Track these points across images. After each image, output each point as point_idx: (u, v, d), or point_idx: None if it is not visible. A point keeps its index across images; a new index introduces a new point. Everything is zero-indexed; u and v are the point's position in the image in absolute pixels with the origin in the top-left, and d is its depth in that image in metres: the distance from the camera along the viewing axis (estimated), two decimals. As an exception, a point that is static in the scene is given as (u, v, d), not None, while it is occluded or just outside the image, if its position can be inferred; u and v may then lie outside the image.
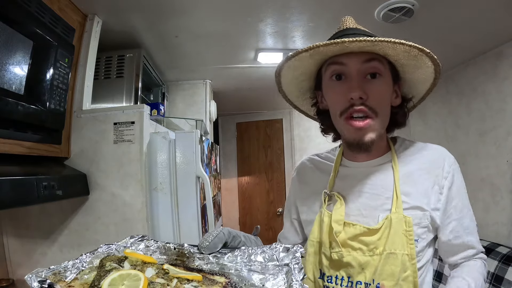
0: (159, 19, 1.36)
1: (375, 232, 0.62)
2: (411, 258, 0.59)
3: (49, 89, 0.92)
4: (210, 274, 0.49)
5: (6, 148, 0.82)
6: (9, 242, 1.16)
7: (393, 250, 0.60)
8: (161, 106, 1.53)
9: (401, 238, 0.60)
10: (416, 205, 0.63)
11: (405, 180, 0.64)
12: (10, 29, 0.77)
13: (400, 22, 1.39)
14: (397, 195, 0.63)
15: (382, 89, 0.61)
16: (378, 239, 0.61)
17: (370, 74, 0.60)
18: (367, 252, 0.62)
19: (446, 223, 0.64)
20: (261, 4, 1.28)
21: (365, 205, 0.65)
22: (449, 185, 0.64)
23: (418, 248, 0.61)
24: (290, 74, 0.67)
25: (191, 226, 1.19)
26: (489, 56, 1.80)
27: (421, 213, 0.62)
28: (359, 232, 0.63)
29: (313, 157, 0.81)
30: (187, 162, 1.19)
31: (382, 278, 0.60)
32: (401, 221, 0.60)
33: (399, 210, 0.61)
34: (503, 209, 1.75)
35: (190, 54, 1.79)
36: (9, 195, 0.75)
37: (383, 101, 0.62)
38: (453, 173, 0.65)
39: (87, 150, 1.13)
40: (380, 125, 0.62)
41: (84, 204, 1.12)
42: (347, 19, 0.66)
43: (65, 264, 0.46)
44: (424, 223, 0.62)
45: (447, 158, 0.66)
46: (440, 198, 0.63)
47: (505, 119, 1.72)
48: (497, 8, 1.31)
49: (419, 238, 0.62)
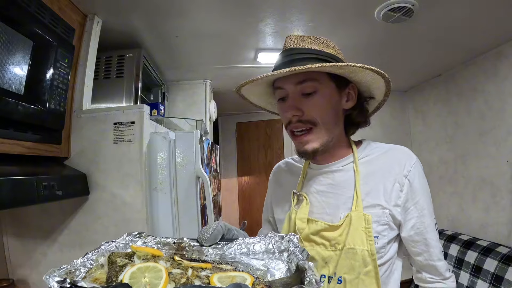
0: (159, 19, 1.36)
1: (336, 228, 0.67)
2: (371, 254, 0.63)
3: (49, 89, 0.92)
4: (216, 263, 0.51)
5: (6, 148, 0.82)
6: (9, 242, 1.16)
7: (352, 245, 0.64)
8: (161, 106, 1.53)
9: (360, 234, 0.64)
10: (376, 203, 0.66)
11: (366, 180, 0.68)
12: (10, 29, 0.77)
13: (400, 22, 1.39)
14: (357, 194, 0.67)
15: (319, 103, 0.66)
16: (339, 235, 0.66)
17: (304, 94, 0.66)
18: (329, 247, 0.67)
19: (407, 219, 0.67)
20: (261, 4, 1.28)
21: (329, 204, 0.70)
22: (410, 183, 0.67)
23: (378, 244, 0.65)
24: (250, 90, 0.74)
25: (191, 226, 1.19)
26: (489, 56, 1.80)
27: (380, 211, 0.66)
28: (320, 228, 0.68)
29: (288, 160, 0.87)
30: (187, 162, 1.19)
31: (343, 272, 0.64)
32: (361, 218, 0.65)
33: (358, 209, 0.66)
34: (503, 209, 1.75)
35: (190, 54, 1.79)
36: (9, 195, 0.75)
37: (321, 112, 0.66)
38: (414, 172, 0.67)
39: (87, 150, 1.13)
40: (323, 133, 0.67)
41: (84, 204, 1.12)
42: (291, 38, 0.69)
43: (74, 263, 0.46)
44: (384, 221, 0.66)
45: (409, 158, 0.69)
46: (400, 195, 0.66)
47: (505, 119, 1.72)
48: (497, 8, 1.31)
49: (379, 235, 0.65)
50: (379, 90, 0.70)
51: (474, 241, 1.81)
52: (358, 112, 0.72)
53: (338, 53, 0.69)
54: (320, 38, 0.69)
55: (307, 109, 0.65)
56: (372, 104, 0.75)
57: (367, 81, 0.68)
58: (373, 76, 0.65)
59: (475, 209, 1.95)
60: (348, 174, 0.70)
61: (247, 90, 0.73)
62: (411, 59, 1.93)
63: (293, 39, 0.68)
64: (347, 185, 0.69)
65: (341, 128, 0.72)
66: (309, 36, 0.68)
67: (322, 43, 0.68)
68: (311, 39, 0.68)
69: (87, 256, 0.49)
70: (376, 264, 0.63)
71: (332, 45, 0.69)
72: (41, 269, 1.14)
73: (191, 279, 0.43)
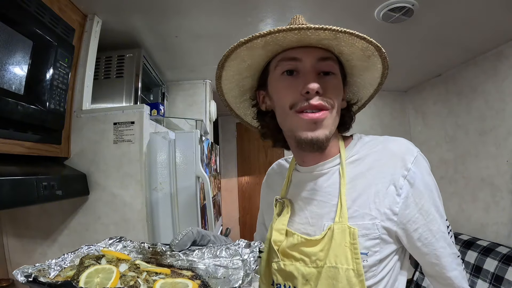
0: (159, 19, 1.36)
1: (315, 243, 0.56)
2: (357, 274, 0.52)
3: (49, 89, 0.92)
4: (179, 269, 0.53)
5: (6, 148, 0.82)
6: (9, 242, 1.16)
7: (334, 264, 0.53)
8: (161, 106, 1.53)
9: (344, 251, 0.53)
10: (364, 212, 0.54)
11: (354, 184, 0.57)
12: (10, 29, 0.77)
13: (400, 22, 1.39)
14: (341, 202, 0.55)
15: (338, 85, 0.58)
16: (320, 250, 0.56)
17: (324, 72, 0.56)
18: (309, 263, 0.57)
19: (411, 230, 0.54)
20: (261, 4, 1.28)
21: (313, 213, 0.60)
22: (410, 185, 0.53)
23: (368, 262, 0.53)
24: (235, 66, 0.61)
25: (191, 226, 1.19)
26: (489, 56, 1.80)
27: (370, 222, 0.54)
28: (297, 242, 0.59)
29: (280, 161, 0.77)
30: (187, 162, 1.19)
31: None
32: (345, 232, 0.53)
33: (343, 220, 0.54)
34: (503, 209, 1.75)
35: (190, 54, 1.79)
36: (9, 195, 0.75)
37: (338, 96, 0.58)
38: (415, 171, 0.54)
39: (87, 150, 1.13)
40: (333, 121, 0.57)
41: (84, 204, 1.12)
42: (299, 17, 0.60)
43: (49, 262, 0.50)
44: (374, 234, 0.53)
45: (407, 153, 0.55)
46: (397, 200, 0.53)
47: (505, 119, 1.72)
48: (497, 8, 1.31)
49: (369, 251, 0.54)
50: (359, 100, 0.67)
51: (474, 241, 1.82)
52: (349, 115, 0.65)
53: None
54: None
55: (328, 89, 0.55)
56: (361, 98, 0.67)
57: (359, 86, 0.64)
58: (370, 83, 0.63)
59: (475, 209, 1.95)
60: (334, 178, 0.59)
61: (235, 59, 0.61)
62: (411, 59, 1.92)
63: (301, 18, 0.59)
64: (332, 191, 0.58)
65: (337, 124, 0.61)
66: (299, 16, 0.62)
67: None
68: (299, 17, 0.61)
69: (63, 256, 0.54)
70: (364, 285, 0.52)
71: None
72: (41, 269, 1.14)
73: (138, 283, 0.46)
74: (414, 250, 0.56)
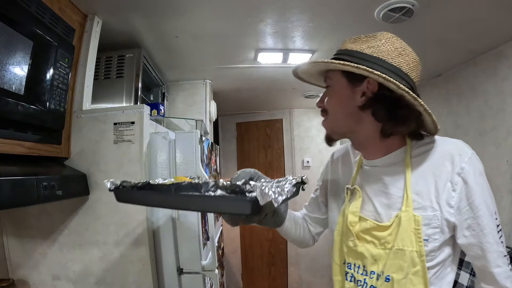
0: (159, 19, 1.36)
1: (385, 228, 0.66)
2: (420, 255, 0.62)
3: (49, 89, 0.92)
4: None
5: (6, 148, 0.82)
6: (9, 242, 1.16)
7: (401, 246, 0.63)
8: (161, 106, 1.53)
9: (409, 235, 0.63)
10: (426, 205, 0.64)
11: (417, 178, 0.66)
12: (10, 29, 0.77)
13: (400, 22, 1.39)
14: (407, 194, 0.65)
15: (329, 95, 0.73)
16: (388, 234, 0.65)
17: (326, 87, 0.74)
18: (379, 245, 0.67)
19: (462, 220, 0.63)
20: (261, 4, 1.28)
21: (380, 203, 0.69)
22: (464, 182, 0.62)
23: (428, 247, 0.63)
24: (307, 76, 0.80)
25: (191, 226, 1.19)
26: (489, 56, 1.80)
27: (431, 213, 0.63)
28: (369, 227, 0.68)
29: (348, 148, 0.86)
30: (187, 162, 1.19)
31: (391, 271, 0.64)
32: (410, 219, 0.63)
33: (408, 209, 0.64)
34: (503, 209, 1.75)
35: (190, 54, 1.79)
36: (9, 195, 0.75)
37: (329, 104, 0.72)
38: (468, 169, 0.62)
39: (87, 150, 1.13)
40: (333, 123, 0.73)
41: (84, 204, 1.12)
42: (344, 43, 0.74)
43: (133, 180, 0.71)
44: (435, 224, 0.63)
45: (463, 153, 0.64)
46: (453, 195, 0.62)
47: (505, 119, 1.72)
48: (497, 8, 1.30)
49: (430, 238, 0.63)
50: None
51: (474, 241, 1.81)
52: (372, 111, 0.66)
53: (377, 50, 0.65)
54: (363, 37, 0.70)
55: (325, 99, 0.73)
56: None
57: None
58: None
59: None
60: (399, 172, 0.68)
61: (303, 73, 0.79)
62: (411, 59, 1.92)
63: (344, 43, 0.74)
64: (398, 184, 0.67)
65: (365, 123, 0.68)
66: (359, 37, 0.71)
67: (362, 41, 0.69)
68: (355, 40, 0.72)
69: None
70: (425, 265, 0.62)
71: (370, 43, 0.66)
72: (41, 269, 1.14)
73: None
74: (462, 239, 0.64)
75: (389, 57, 0.64)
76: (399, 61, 0.65)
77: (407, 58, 0.66)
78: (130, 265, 1.10)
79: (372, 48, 0.65)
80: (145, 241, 1.10)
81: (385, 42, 0.66)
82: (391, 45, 0.65)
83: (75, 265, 1.12)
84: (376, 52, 0.65)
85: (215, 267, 1.22)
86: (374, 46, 0.65)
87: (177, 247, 1.17)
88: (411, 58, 0.66)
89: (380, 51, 0.65)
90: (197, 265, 1.19)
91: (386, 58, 0.64)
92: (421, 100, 0.62)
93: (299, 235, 0.92)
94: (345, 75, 0.68)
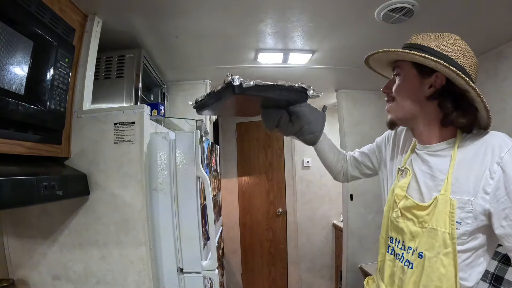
0: (159, 19, 1.37)
1: (424, 208, 0.72)
2: (451, 237, 0.67)
3: (50, 89, 0.92)
4: None
5: (6, 148, 0.82)
6: (9, 242, 1.16)
7: (435, 226, 0.69)
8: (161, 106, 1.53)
9: (444, 217, 0.68)
10: (463, 190, 0.68)
11: (460, 166, 0.70)
12: (10, 29, 0.77)
13: (400, 22, 1.39)
14: (448, 179, 0.70)
15: (398, 84, 0.79)
16: (426, 214, 0.71)
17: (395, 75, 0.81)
18: (417, 223, 0.73)
19: (499, 209, 0.65)
20: (261, 4, 1.28)
21: (425, 184, 0.75)
22: (503, 170, 0.64)
23: (460, 230, 0.67)
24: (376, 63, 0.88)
25: (191, 226, 1.19)
26: (489, 56, 1.80)
27: (466, 198, 0.67)
28: (409, 205, 0.76)
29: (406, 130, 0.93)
30: (187, 162, 1.19)
31: (424, 248, 0.71)
32: (446, 203, 0.68)
33: (446, 193, 0.69)
34: (503, 209, 1.75)
35: (190, 54, 1.79)
36: (9, 195, 0.75)
37: (397, 92, 0.79)
38: (507, 159, 0.64)
39: (87, 150, 1.13)
40: (398, 109, 0.79)
41: (84, 204, 1.12)
42: (412, 37, 0.79)
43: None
44: (468, 208, 0.66)
45: (503, 144, 0.67)
46: (490, 182, 0.65)
47: (505, 119, 1.72)
48: (497, 8, 1.31)
49: (462, 222, 0.67)
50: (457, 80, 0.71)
51: (474, 241, 1.81)
52: (439, 102, 0.74)
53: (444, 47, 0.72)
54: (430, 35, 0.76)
55: (393, 87, 0.80)
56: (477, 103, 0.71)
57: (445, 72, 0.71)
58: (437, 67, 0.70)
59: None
60: (445, 158, 0.73)
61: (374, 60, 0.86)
62: (411, 59, 1.92)
63: (413, 37, 0.78)
64: (443, 169, 0.73)
65: (427, 112, 0.76)
66: (427, 34, 0.76)
67: (430, 39, 0.75)
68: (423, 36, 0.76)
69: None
70: (455, 247, 0.66)
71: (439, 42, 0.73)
72: (41, 269, 1.14)
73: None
74: (499, 229, 0.65)
75: (456, 56, 0.71)
76: (464, 62, 0.71)
77: (470, 60, 0.72)
78: (130, 265, 1.10)
79: (442, 47, 0.72)
80: (145, 241, 1.10)
81: (453, 43, 0.73)
82: (458, 46, 0.72)
83: (75, 265, 1.12)
84: (445, 51, 0.71)
85: (215, 267, 1.22)
86: (444, 45, 0.72)
87: (177, 247, 1.17)
88: (473, 60, 0.73)
89: (449, 50, 0.71)
90: (197, 265, 1.19)
91: (453, 57, 0.71)
92: (483, 97, 0.68)
93: (330, 162, 1.06)
94: (415, 66, 0.75)
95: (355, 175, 1.09)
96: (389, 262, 0.81)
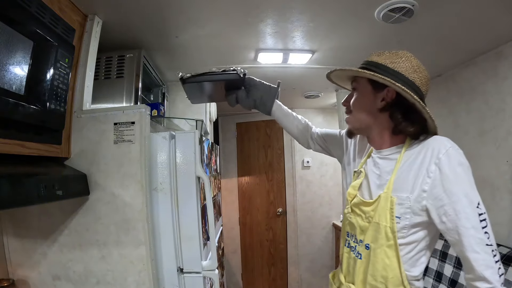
0: (159, 19, 1.37)
1: (369, 204, 0.81)
2: (392, 231, 0.75)
3: (50, 89, 0.92)
4: None
5: (6, 148, 0.82)
6: (9, 242, 1.16)
7: (378, 221, 0.77)
8: (161, 106, 1.54)
9: (385, 213, 0.76)
10: (403, 188, 0.76)
11: (403, 166, 0.78)
12: (10, 29, 0.77)
13: (400, 22, 1.39)
14: (391, 179, 0.78)
15: (355, 98, 0.88)
16: (372, 210, 0.80)
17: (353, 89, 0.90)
18: (365, 218, 0.82)
19: (438, 206, 0.71)
20: (261, 4, 1.28)
21: (374, 183, 0.84)
22: (439, 170, 0.71)
23: (400, 224, 0.75)
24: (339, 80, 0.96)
25: (191, 226, 1.19)
26: (489, 56, 1.80)
27: (405, 195, 0.75)
28: (357, 202, 0.85)
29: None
30: (187, 162, 1.19)
31: (370, 241, 0.79)
32: (388, 200, 0.76)
33: (388, 191, 0.77)
34: (503, 209, 1.75)
35: (190, 54, 1.79)
36: (9, 195, 0.75)
37: (355, 106, 0.88)
38: (444, 160, 0.71)
39: (87, 150, 1.13)
40: (355, 120, 0.89)
41: (84, 204, 1.12)
42: (371, 55, 0.85)
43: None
44: (407, 204, 0.74)
45: (442, 146, 0.73)
46: (427, 181, 0.72)
47: (505, 119, 1.72)
48: (497, 8, 1.31)
49: (402, 216, 0.74)
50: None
51: (474, 241, 1.81)
52: (390, 113, 0.81)
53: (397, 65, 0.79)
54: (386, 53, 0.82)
55: (350, 100, 0.89)
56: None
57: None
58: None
59: (475, 209, 1.94)
60: (393, 161, 0.81)
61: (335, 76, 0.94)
62: (411, 59, 1.92)
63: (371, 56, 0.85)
64: (390, 170, 0.81)
65: (380, 122, 0.84)
66: (383, 52, 0.83)
67: (386, 56, 0.81)
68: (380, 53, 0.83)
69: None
70: (396, 240, 0.74)
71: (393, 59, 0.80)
72: (41, 269, 1.14)
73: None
74: (441, 225, 0.71)
75: (407, 72, 0.78)
76: (414, 76, 0.79)
77: (421, 74, 0.80)
78: (130, 265, 1.11)
79: (395, 64, 0.79)
80: (145, 241, 1.10)
81: (405, 60, 0.80)
82: (409, 63, 0.79)
83: (75, 265, 1.12)
84: (397, 68, 0.79)
85: (215, 267, 1.22)
86: (396, 62, 0.79)
87: (177, 247, 1.17)
88: (424, 75, 0.80)
89: (400, 67, 0.79)
90: (197, 265, 1.19)
91: (404, 73, 0.78)
92: (427, 109, 0.76)
93: (291, 130, 1.18)
94: (370, 82, 0.82)
95: (317, 148, 1.19)
96: (346, 254, 0.90)
